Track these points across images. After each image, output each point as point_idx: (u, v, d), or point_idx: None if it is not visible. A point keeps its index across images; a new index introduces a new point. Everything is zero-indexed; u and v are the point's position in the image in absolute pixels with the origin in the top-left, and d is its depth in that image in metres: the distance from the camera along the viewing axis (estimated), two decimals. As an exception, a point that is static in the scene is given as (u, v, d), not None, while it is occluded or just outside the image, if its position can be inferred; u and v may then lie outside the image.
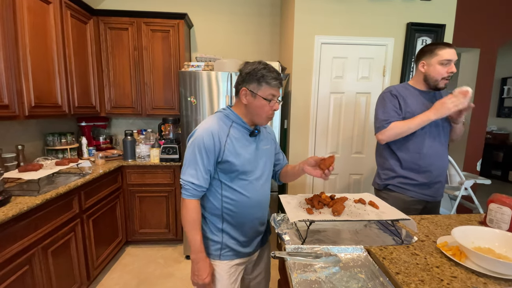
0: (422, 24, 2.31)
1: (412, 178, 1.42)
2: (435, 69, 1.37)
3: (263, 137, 1.14)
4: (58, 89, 2.01)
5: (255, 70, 0.99)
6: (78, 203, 1.80)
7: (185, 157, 1.02)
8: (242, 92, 1.01)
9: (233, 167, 1.01)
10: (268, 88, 0.99)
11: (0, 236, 1.21)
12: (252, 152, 1.06)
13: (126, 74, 2.61)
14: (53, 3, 1.95)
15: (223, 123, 1.03)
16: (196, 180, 0.99)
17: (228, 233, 1.07)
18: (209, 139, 0.98)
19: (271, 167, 1.19)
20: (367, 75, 2.36)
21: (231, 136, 1.02)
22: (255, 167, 1.06)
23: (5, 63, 1.55)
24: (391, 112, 1.43)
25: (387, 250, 0.90)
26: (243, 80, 1.01)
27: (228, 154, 1.00)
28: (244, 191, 1.04)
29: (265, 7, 2.92)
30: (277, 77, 1.00)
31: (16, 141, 1.98)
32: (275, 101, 1.02)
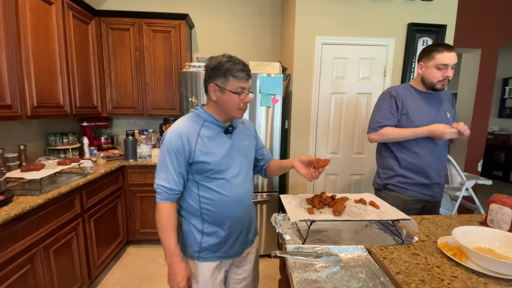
0: (423, 24, 2.31)
1: (411, 177, 1.44)
2: (431, 72, 1.38)
3: (240, 134, 1.11)
4: (60, 89, 2.02)
5: (220, 64, 0.95)
6: (80, 202, 1.81)
7: (158, 161, 1.01)
8: (211, 88, 0.99)
9: (206, 167, 0.99)
10: (235, 81, 0.96)
11: (2, 236, 1.22)
12: (226, 149, 1.03)
13: (127, 74, 2.62)
14: (55, 4, 1.96)
15: (194, 123, 1.01)
16: (167, 183, 0.98)
17: (208, 234, 1.04)
18: (178, 141, 0.96)
19: (250, 163, 1.15)
20: (368, 75, 2.36)
21: (202, 136, 1.00)
22: (231, 164, 1.04)
23: (8, 63, 1.56)
24: (387, 114, 1.46)
25: (388, 250, 0.90)
26: (210, 76, 0.98)
27: (199, 154, 0.98)
28: (221, 189, 1.02)
29: (266, 8, 2.93)
30: (243, 68, 0.96)
31: (18, 141, 1.99)
32: (245, 94, 0.99)
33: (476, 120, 3.24)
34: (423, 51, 1.43)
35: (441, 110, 1.46)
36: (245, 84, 0.98)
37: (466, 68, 3.33)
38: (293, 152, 2.44)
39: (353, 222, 1.14)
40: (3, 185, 1.38)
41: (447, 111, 1.48)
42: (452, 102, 1.54)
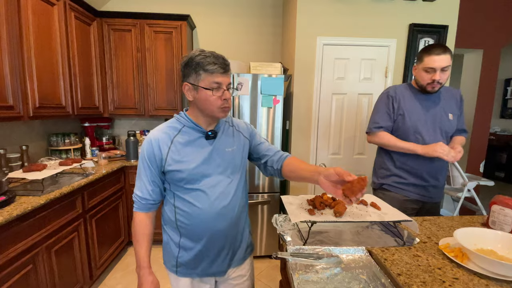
0: (424, 25, 2.30)
1: (405, 177, 1.44)
2: (420, 75, 1.39)
3: (226, 139, 1.00)
4: (62, 90, 2.03)
5: (191, 59, 0.87)
6: (82, 203, 1.82)
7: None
8: (185, 88, 0.91)
9: (179, 175, 0.91)
10: (208, 76, 0.86)
11: (5, 235, 1.22)
12: (204, 157, 0.94)
13: (129, 75, 2.62)
14: (58, 5, 1.97)
15: (171, 129, 0.94)
16: (140, 192, 0.94)
17: (185, 248, 0.97)
18: (149, 149, 0.92)
19: (238, 171, 1.02)
20: (369, 76, 2.36)
21: (176, 142, 0.92)
22: (210, 173, 0.94)
23: (10, 64, 1.57)
24: (384, 115, 1.48)
25: (389, 251, 0.90)
26: (183, 74, 0.91)
27: (171, 162, 0.91)
28: (196, 201, 0.93)
29: (267, 9, 2.93)
30: (215, 61, 0.86)
31: (20, 142, 2.00)
32: (222, 90, 0.89)
33: (478, 120, 3.23)
34: (418, 53, 1.44)
35: (440, 111, 1.44)
36: (221, 79, 0.88)
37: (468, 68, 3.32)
38: (294, 153, 2.43)
39: (354, 223, 1.14)
40: (5, 186, 1.39)
41: (450, 112, 1.45)
42: (460, 102, 1.51)
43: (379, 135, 1.48)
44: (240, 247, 1.06)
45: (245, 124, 1.10)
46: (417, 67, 1.41)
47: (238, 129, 1.06)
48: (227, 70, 0.90)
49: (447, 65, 1.32)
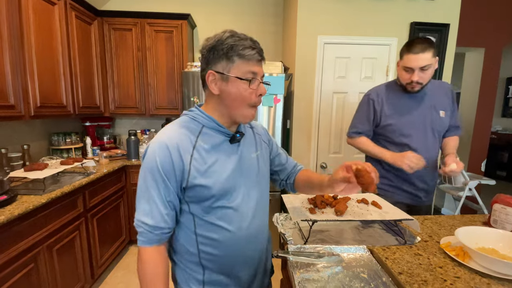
0: (426, 23, 2.30)
1: (393, 180, 1.38)
2: (401, 74, 1.31)
3: (248, 142, 0.84)
4: (63, 89, 2.04)
5: (220, 42, 0.70)
6: (83, 202, 1.82)
7: (138, 187, 0.72)
8: (209, 78, 0.72)
9: (207, 193, 0.71)
10: (243, 63, 0.69)
11: (7, 235, 1.23)
12: (234, 165, 0.76)
13: (130, 74, 2.63)
14: (58, 4, 1.97)
15: (188, 131, 0.74)
16: (150, 219, 0.69)
17: (212, 283, 0.78)
18: (165, 158, 0.68)
19: (266, 181, 0.89)
20: (370, 75, 2.36)
21: (200, 148, 0.72)
22: (240, 186, 0.77)
23: (11, 64, 1.57)
24: (362, 119, 1.43)
25: (390, 250, 0.90)
26: (207, 61, 0.72)
27: (196, 175, 0.70)
28: (225, 223, 0.75)
29: (268, 7, 2.92)
30: (253, 45, 0.70)
31: (22, 141, 2.00)
32: (258, 82, 0.72)
33: (479, 119, 3.22)
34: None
35: (429, 109, 1.34)
36: (257, 68, 0.72)
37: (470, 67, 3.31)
38: (295, 151, 2.43)
39: (355, 222, 1.14)
40: (6, 185, 1.40)
41: (441, 108, 1.35)
42: (452, 97, 1.39)
43: (356, 140, 1.45)
44: (267, 270, 0.93)
45: (263, 129, 0.95)
46: (399, 65, 1.31)
47: (257, 132, 0.91)
48: (264, 59, 0.74)
49: (427, 64, 1.21)
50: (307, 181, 0.91)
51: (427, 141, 1.35)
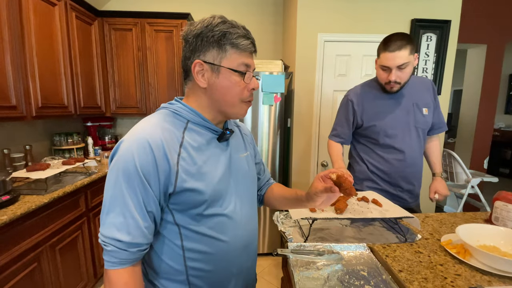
0: (427, 20, 2.28)
1: (378, 183, 1.35)
2: (378, 73, 1.24)
3: (236, 141, 0.76)
4: (64, 89, 2.05)
5: (210, 28, 0.61)
6: (85, 202, 1.83)
7: (105, 193, 0.59)
8: (196, 69, 0.63)
9: (198, 198, 0.62)
10: (236, 54, 0.62)
11: (9, 234, 1.24)
12: (225, 167, 0.68)
13: (130, 74, 2.63)
14: (59, 5, 1.98)
15: (172, 126, 0.63)
16: (126, 236, 0.56)
17: None
18: (147, 157, 0.57)
19: (255, 184, 0.81)
20: (371, 72, 2.34)
21: (188, 146, 0.62)
22: (232, 190, 0.69)
23: (13, 64, 1.58)
24: (341, 121, 1.41)
25: (390, 248, 0.90)
26: (193, 48, 0.63)
27: (185, 178, 0.60)
28: (220, 234, 0.66)
29: (268, 6, 2.92)
30: (247, 34, 0.63)
31: (24, 141, 2.01)
32: (251, 74, 0.65)
33: (482, 116, 3.20)
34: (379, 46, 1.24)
35: (412, 107, 1.28)
36: (251, 60, 0.65)
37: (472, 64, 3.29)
38: (296, 150, 2.43)
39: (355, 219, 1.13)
40: (9, 185, 1.41)
41: (424, 105, 1.29)
42: (433, 92, 1.33)
43: (329, 143, 1.45)
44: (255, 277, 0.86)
45: (249, 131, 0.89)
46: (377, 64, 1.24)
47: (244, 132, 0.85)
48: (256, 51, 0.67)
49: (405, 63, 1.14)
50: (281, 195, 0.85)
51: (412, 140, 1.30)
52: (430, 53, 2.34)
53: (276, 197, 0.87)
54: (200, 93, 0.66)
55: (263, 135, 2.31)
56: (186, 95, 0.71)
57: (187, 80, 0.68)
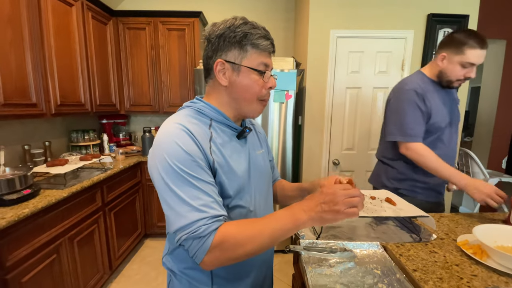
0: (443, 15, 2.21)
1: (424, 181, 1.32)
2: (454, 69, 1.19)
3: (252, 139, 0.80)
4: (81, 88, 2.11)
5: (232, 29, 0.64)
6: (101, 196, 1.89)
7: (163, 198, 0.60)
8: (217, 68, 0.65)
9: (226, 190, 0.65)
10: (257, 54, 0.65)
11: (31, 227, 1.30)
12: (245, 162, 0.71)
13: (143, 73, 2.68)
14: (75, 5, 2.04)
15: (200, 122, 0.67)
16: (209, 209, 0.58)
17: None
18: (189, 141, 0.60)
19: (270, 179, 0.85)
20: (385, 69, 2.30)
21: (215, 141, 0.66)
22: (251, 184, 0.73)
23: (33, 63, 1.64)
24: (418, 118, 1.24)
25: (404, 247, 0.89)
26: (216, 48, 0.65)
27: (218, 169, 0.64)
28: None
29: (280, 3, 2.90)
30: (267, 35, 0.66)
31: (43, 138, 2.09)
32: (269, 74, 0.68)
33: (500, 114, 3.08)
34: (450, 40, 1.19)
35: (454, 104, 1.32)
36: (269, 60, 0.68)
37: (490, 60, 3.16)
38: (307, 148, 2.42)
39: (368, 218, 1.12)
40: (30, 179, 1.47)
41: (458, 102, 1.36)
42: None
43: (416, 149, 1.22)
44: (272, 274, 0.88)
45: (262, 129, 0.92)
46: (451, 59, 1.18)
47: (259, 131, 0.88)
48: (275, 51, 0.70)
49: None
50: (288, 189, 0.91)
51: (452, 136, 1.32)
52: (447, 49, 2.28)
53: (283, 192, 0.93)
54: (221, 91, 0.69)
55: (273, 133, 2.31)
56: (206, 93, 0.73)
57: (208, 78, 0.71)
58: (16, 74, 1.53)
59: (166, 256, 0.77)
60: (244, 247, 0.57)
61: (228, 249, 0.57)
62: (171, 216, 0.59)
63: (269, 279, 0.86)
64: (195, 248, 0.57)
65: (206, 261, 0.57)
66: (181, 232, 0.57)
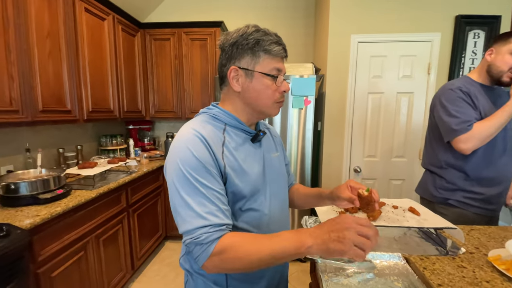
0: (473, 16, 2.10)
1: (478, 192, 1.23)
2: (503, 59, 1.17)
3: (267, 142, 0.81)
4: (110, 95, 2.25)
5: (245, 36, 0.66)
6: (126, 198, 1.98)
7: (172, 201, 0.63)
8: (231, 74, 0.68)
9: (239, 193, 0.67)
10: (269, 59, 0.67)
11: (62, 224, 1.39)
12: (260, 165, 0.73)
13: (168, 81, 2.81)
14: (107, 19, 2.19)
15: (214, 127, 0.69)
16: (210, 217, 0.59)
17: None
18: (202, 149, 0.63)
19: (286, 182, 0.86)
20: (410, 73, 2.22)
21: (228, 146, 0.68)
22: (266, 187, 0.73)
23: (68, 73, 1.78)
24: (470, 111, 1.18)
25: (429, 260, 0.84)
26: (229, 56, 0.69)
27: (230, 172, 0.66)
28: (255, 228, 0.70)
29: (299, 10, 2.92)
30: (279, 40, 0.68)
31: (76, 142, 2.25)
32: (282, 78, 0.70)
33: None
34: (498, 36, 1.21)
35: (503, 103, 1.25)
36: (282, 65, 0.70)
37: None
38: (326, 154, 2.38)
39: (390, 228, 1.07)
40: (63, 180, 1.58)
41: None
42: None
43: (477, 130, 1.14)
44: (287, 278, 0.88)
45: (277, 134, 0.93)
46: (499, 50, 1.18)
47: (274, 134, 0.89)
48: (287, 56, 0.72)
49: None
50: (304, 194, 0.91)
51: (507, 143, 1.24)
52: (478, 52, 2.15)
53: (300, 196, 0.93)
54: (234, 97, 0.72)
55: (292, 139, 2.30)
56: (221, 100, 0.76)
57: (222, 85, 0.74)
58: (53, 83, 1.66)
59: (183, 257, 0.79)
60: (243, 261, 0.58)
61: (227, 260, 0.58)
62: (177, 219, 0.63)
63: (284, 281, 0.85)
64: (197, 253, 0.60)
65: (206, 266, 0.60)
66: (186, 236, 0.61)
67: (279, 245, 0.57)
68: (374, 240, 0.53)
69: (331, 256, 0.55)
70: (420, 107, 2.23)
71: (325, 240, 0.54)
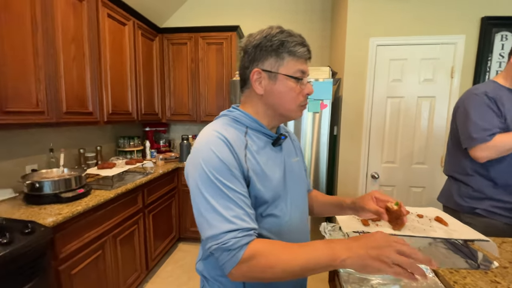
0: (500, 17, 2.00)
1: (508, 200, 1.16)
2: None
3: (288, 147, 0.79)
4: (129, 98, 2.31)
5: (269, 38, 0.65)
6: (142, 199, 2.01)
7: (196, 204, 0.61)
8: (254, 77, 0.66)
9: (261, 198, 0.64)
10: (293, 61, 0.65)
11: (82, 223, 1.42)
12: (281, 170, 0.70)
13: (184, 84, 2.85)
14: (128, 25, 2.26)
15: (236, 130, 0.67)
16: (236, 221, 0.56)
17: None
18: (225, 150, 0.61)
19: (306, 187, 0.83)
20: (431, 77, 2.14)
21: (251, 149, 0.66)
22: (287, 192, 0.71)
23: (91, 76, 1.84)
24: (493, 120, 1.14)
25: (459, 273, 0.79)
26: (252, 58, 0.67)
27: (253, 176, 0.63)
28: (275, 235, 0.67)
29: (316, 13, 2.90)
30: (303, 42, 0.66)
31: (96, 143, 2.31)
32: (306, 80, 0.68)
33: None
34: None
35: None
36: (306, 67, 0.68)
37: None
38: (342, 160, 2.32)
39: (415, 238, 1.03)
40: (84, 180, 1.62)
41: None
42: None
43: (497, 141, 1.11)
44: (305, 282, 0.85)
45: (296, 138, 0.91)
46: None
47: (293, 139, 0.88)
48: (311, 58, 0.70)
49: None
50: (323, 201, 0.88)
51: None
52: (505, 54, 2.05)
53: (319, 204, 0.90)
54: (256, 100, 0.70)
55: (306, 143, 2.26)
56: (242, 102, 0.75)
57: (244, 88, 0.72)
58: (77, 86, 1.72)
59: (200, 262, 0.77)
60: (273, 270, 0.55)
61: (256, 267, 0.55)
62: (202, 224, 0.60)
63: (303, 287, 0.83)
64: (224, 259, 0.57)
65: (233, 273, 0.57)
66: (211, 241, 0.57)
67: (312, 255, 0.54)
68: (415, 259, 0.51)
69: (365, 273, 0.52)
70: (443, 112, 2.14)
71: (362, 256, 0.51)
